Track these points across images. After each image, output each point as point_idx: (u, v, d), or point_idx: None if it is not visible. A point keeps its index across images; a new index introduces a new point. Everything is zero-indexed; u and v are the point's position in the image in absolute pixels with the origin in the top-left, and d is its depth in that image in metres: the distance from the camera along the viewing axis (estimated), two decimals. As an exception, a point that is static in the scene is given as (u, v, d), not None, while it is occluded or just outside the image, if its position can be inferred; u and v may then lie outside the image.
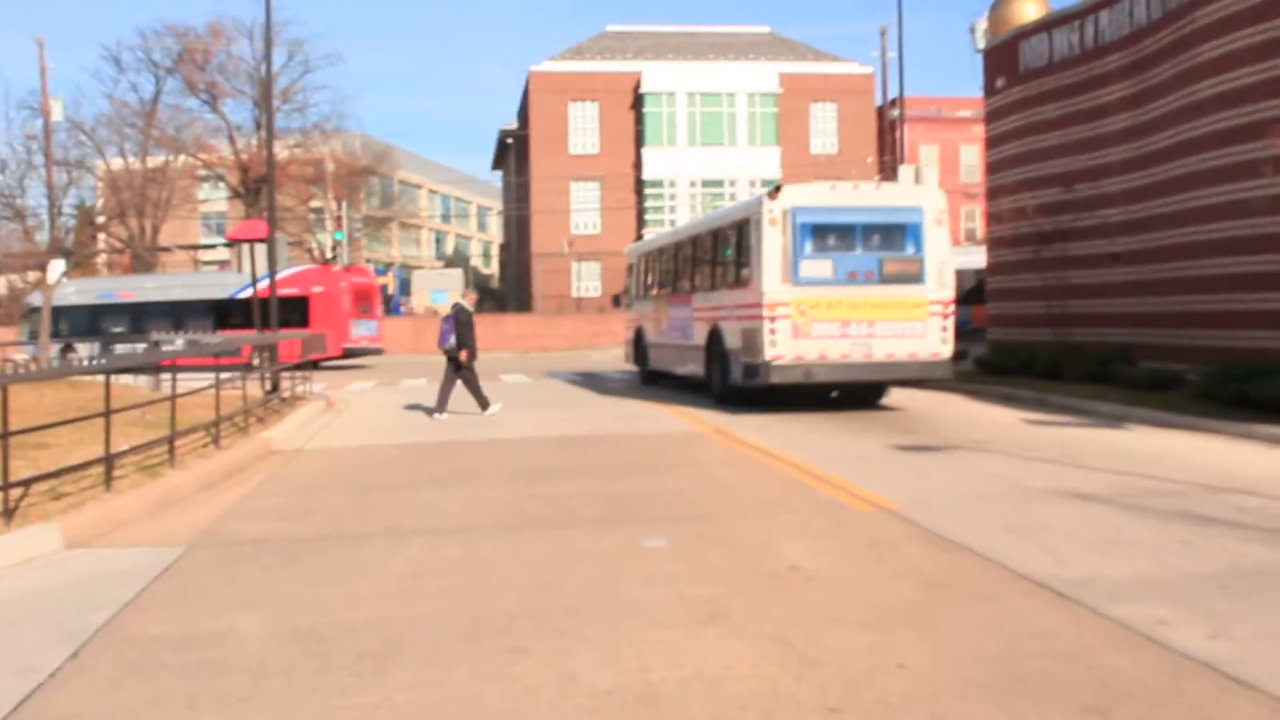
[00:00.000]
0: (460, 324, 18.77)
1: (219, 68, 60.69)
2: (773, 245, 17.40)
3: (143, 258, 55.28)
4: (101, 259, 60.43)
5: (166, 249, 58.29)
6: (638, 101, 63.18)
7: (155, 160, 58.21)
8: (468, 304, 19.22)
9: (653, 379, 25.49)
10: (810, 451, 13.54)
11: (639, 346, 26.40)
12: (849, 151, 63.19)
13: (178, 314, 40.86)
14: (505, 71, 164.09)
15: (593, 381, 28.36)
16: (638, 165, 63.16)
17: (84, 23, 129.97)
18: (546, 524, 9.58)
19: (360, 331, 40.62)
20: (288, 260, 34.22)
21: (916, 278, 17.69)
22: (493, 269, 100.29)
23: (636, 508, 10.29)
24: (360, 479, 12.47)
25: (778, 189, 17.94)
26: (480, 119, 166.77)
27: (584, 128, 63.58)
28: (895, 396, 20.40)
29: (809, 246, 17.51)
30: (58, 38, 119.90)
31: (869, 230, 17.84)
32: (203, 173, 63.31)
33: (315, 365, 28.17)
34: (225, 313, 39.81)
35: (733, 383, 18.92)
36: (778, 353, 17.29)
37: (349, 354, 39.47)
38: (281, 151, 60.24)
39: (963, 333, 21.44)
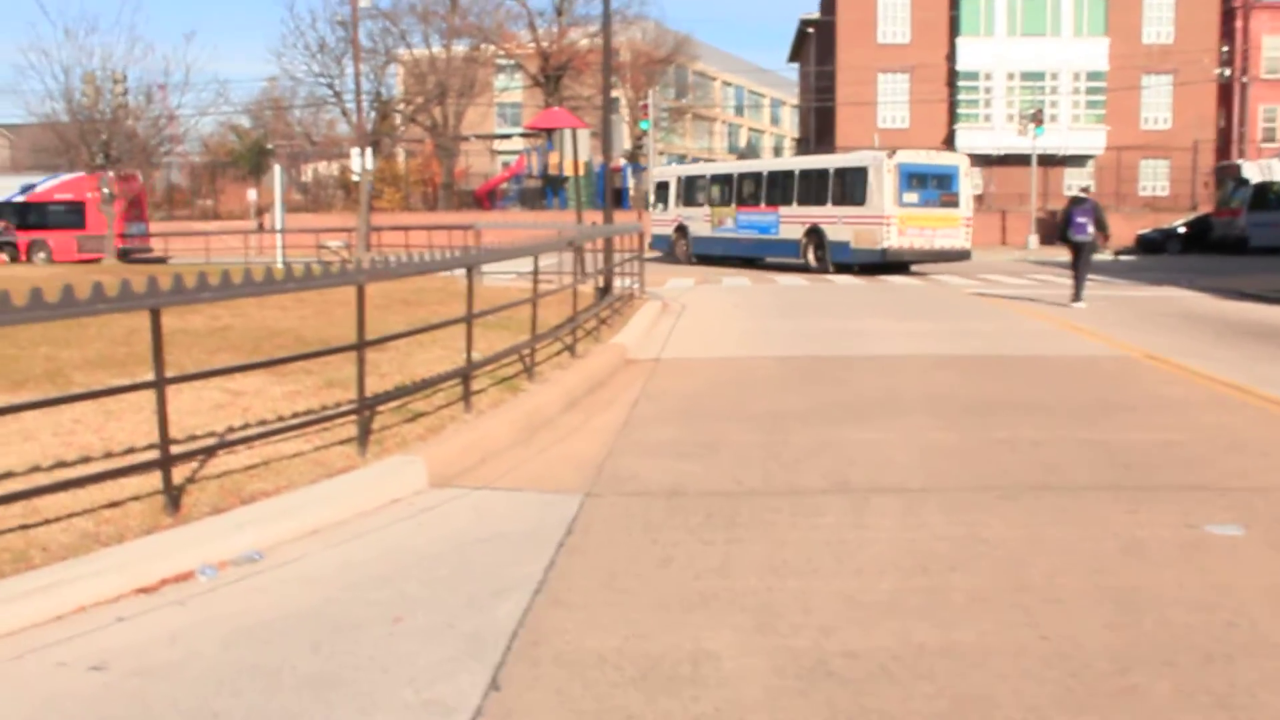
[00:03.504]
0: (1099, 212, 20.44)
1: (521, -48, 59.52)
2: (889, 184, 29.19)
3: (444, 146, 54.91)
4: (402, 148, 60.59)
5: (465, 138, 57.86)
6: (953, -13, 58.81)
7: (457, 49, 57.46)
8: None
9: (701, 260, 35.93)
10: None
11: (684, 238, 37.06)
12: (1185, 41, 57.21)
13: None
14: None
15: (899, 290, 25.67)
16: (951, 56, 58.84)
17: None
18: (1041, 486, 7.22)
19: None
20: (589, 151, 33.64)
21: (955, 204, 30.38)
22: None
23: (1141, 468, 7.79)
24: (751, 403, 10.35)
25: (893, 152, 30.41)
26: (777, 8, 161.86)
27: (894, 15, 59.55)
28: None
29: (906, 185, 29.43)
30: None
31: (934, 177, 30.37)
32: (501, 61, 62.46)
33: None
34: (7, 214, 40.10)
35: (837, 259, 30.87)
36: (891, 243, 29.24)
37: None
38: (580, 39, 58.93)
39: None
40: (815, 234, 31.50)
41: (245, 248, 41.24)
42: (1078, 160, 58.21)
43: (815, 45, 70.93)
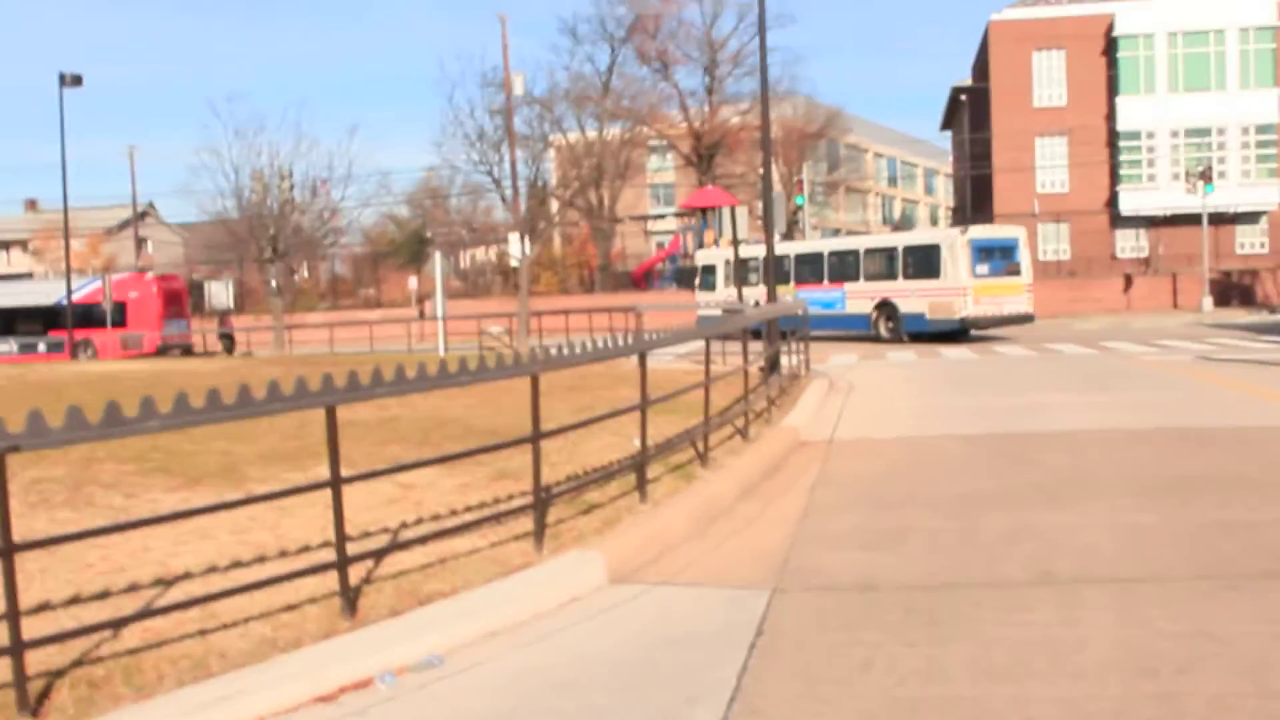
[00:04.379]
0: None
1: (669, 35, 60.16)
2: (963, 258, 31.06)
3: (600, 228, 55.43)
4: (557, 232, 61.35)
5: (620, 220, 58.34)
6: (1110, 46, 57.40)
7: (611, 132, 58.17)
8: None
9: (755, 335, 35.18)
10: None
11: (729, 314, 37.53)
12: (1361, 88, 55.00)
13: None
14: (955, 27, 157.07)
15: (1125, 363, 24.71)
16: (1110, 116, 57.40)
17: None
18: (1269, 575, 6.63)
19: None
20: (746, 228, 34.53)
21: (1018, 273, 32.32)
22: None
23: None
24: (936, 485, 9.87)
25: (966, 229, 32.84)
26: (928, 78, 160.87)
27: (1049, 78, 58.44)
28: None
29: (977, 259, 31.33)
30: (519, 14, 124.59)
31: (999, 249, 32.35)
32: (653, 142, 63.03)
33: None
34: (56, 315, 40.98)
35: (911, 330, 32.56)
36: (968, 312, 30.88)
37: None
38: (732, 117, 59.16)
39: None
40: (886, 307, 33.47)
41: (407, 335, 41.92)
42: (1250, 218, 56.17)
43: (969, 112, 70.05)
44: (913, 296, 32.46)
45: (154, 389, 7.12)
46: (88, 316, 39.88)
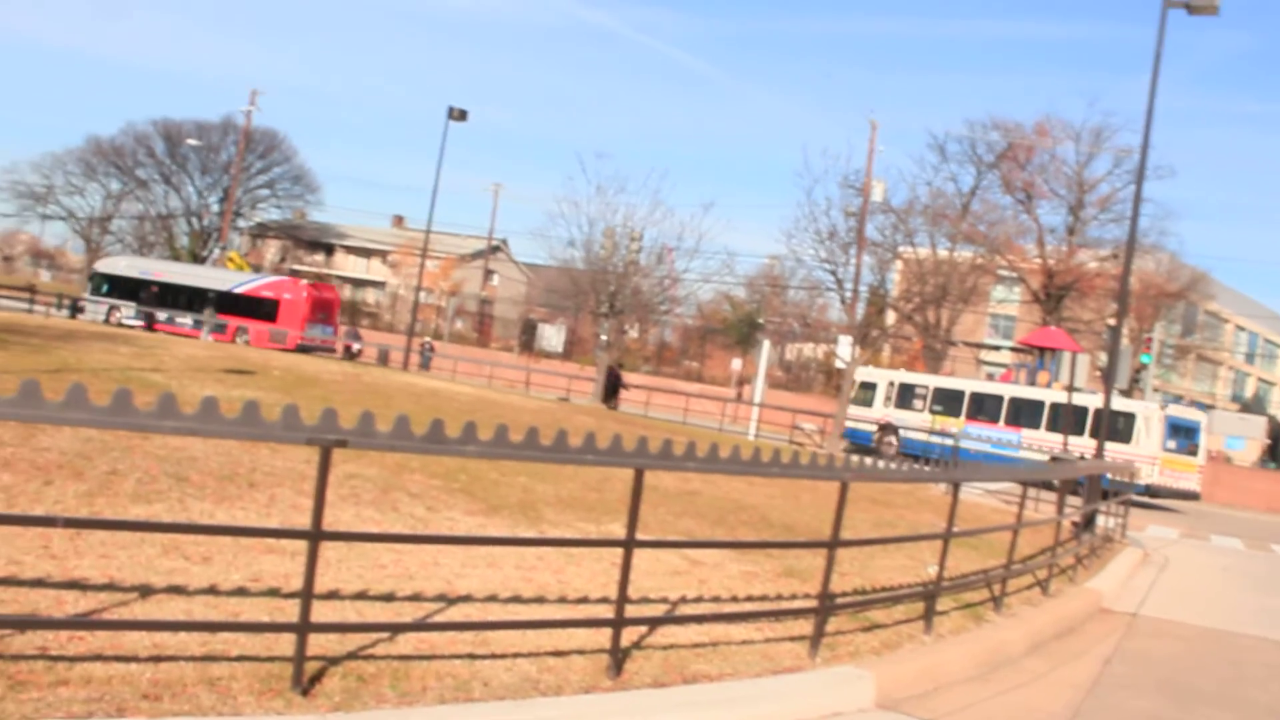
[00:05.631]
0: None
1: (1039, 168, 58.83)
2: (1157, 431, 32.46)
3: (933, 348, 54.52)
4: (888, 343, 60.71)
5: (954, 343, 57.19)
6: None
7: (962, 255, 57.33)
8: None
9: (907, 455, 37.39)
10: None
11: (892, 435, 39.39)
12: None
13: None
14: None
15: None
16: None
17: (916, 109, 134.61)
18: None
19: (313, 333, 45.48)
20: (1084, 378, 34.28)
21: (1195, 453, 33.88)
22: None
23: None
24: (1248, 691, 9.07)
25: (1165, 405, 35.92)
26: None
27: None
28: None
29: (1169, 434, 32.72)
30: (890, 121, 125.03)
31: (1185, 429, 33.70)
32: (1003, 271, 61.64)
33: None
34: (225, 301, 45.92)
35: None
36: (1154, 480, 31.58)
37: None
38: (1089, 261, 57.23)
39: None
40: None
41: (721, 414, 42.27)
42: None
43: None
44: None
45: (475, 414, 7.37)
46: (250, 307, 45.18)
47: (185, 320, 45.73)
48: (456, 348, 57.61)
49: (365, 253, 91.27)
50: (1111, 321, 59.85)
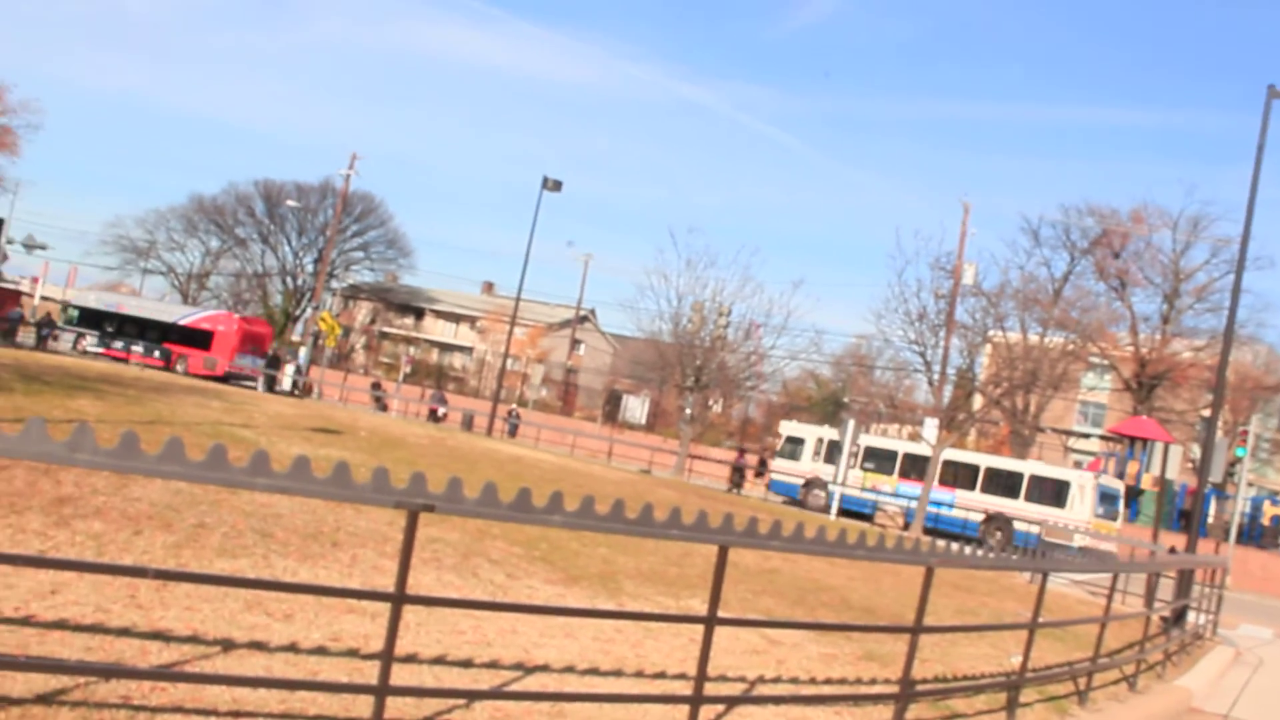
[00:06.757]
0: None
1: (1134, 255, 58.17)
2: (1090, 497, 34.96)
3: (1020, 433, 53.84)
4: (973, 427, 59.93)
5: (1042, 430, 56.37)
6: None
7: (1052, 340, 56.69)
8: None
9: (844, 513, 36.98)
10: None
11: (811, 486, 40.90)
12: None
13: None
14: None
15: None
16: None
17: (1010, 193, 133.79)
18: None
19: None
20: (1177, 470, 33.29)
21: (1115, 519, 37.00)
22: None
23: None
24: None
25: (1098, 476, 37.10)
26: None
27: None
28: None
29: (1100, 500, 35.42)
30: (982, 204, 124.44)
31: (1111, 495, 36.90)
32: (1094, 359, 60.78)
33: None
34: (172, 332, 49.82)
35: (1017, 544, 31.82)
36: (1081, 541, 32.57)
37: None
38: (1183, 351, 56.28)
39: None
40: (999, 521, 36.63)
41: (806, 493, 41.92)
42: None
43: None
44: (1030, 517, 35.89)
45: (558, 482, 7.38)
46: (188, 337, 49.20)
47: (138, 348, 49.58)
48: (541, 415, 57.79)
49: (454, 318, 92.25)
50: (1206, 413, 58.71)
